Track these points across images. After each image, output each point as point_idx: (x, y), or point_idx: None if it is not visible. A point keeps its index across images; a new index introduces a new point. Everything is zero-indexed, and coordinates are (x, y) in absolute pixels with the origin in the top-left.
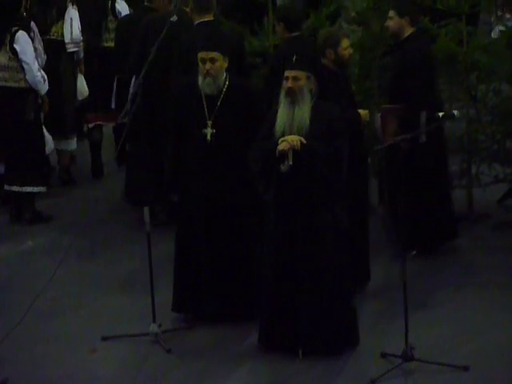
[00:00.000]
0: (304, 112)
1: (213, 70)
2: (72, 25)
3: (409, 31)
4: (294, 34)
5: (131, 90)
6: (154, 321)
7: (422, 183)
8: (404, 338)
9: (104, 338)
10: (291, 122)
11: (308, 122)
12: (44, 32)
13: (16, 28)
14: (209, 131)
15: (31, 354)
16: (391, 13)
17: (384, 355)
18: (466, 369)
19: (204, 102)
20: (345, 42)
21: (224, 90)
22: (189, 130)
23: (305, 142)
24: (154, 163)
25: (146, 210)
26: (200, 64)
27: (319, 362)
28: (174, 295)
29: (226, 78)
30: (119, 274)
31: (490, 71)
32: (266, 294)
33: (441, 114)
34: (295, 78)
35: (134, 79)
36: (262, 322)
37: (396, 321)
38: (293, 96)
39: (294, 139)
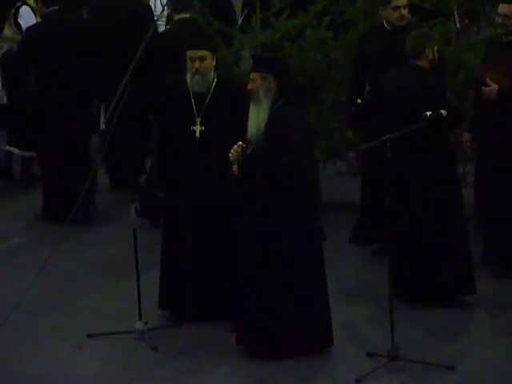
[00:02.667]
0: (260, 116)
1: (202, 69)
2: None
3: None
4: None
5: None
6: (139, 318)
7: None
8: (390, 338)
9: (90, 336)
10: (257, 125)
11: (262, 127)
12: None
13: (20, 3)
14: (198, 128)
15: (17, 351)
16: None
17: (370, 354)
18: (451, 368)
19: (192, 100)
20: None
21: (212, 87)
22: (176, 127)
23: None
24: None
25: (133, 207)
26: (189, 62)
27: (304, 361)
28: (160, 293)
29: (214, 75)
30: (106, 271)
31: None
32: (240, 296)
33: (428, 113)
34: (253, 80)
35: None
36: (238, 324)
37: (382, 320)
38: (252, 97)
39: (236, 150)
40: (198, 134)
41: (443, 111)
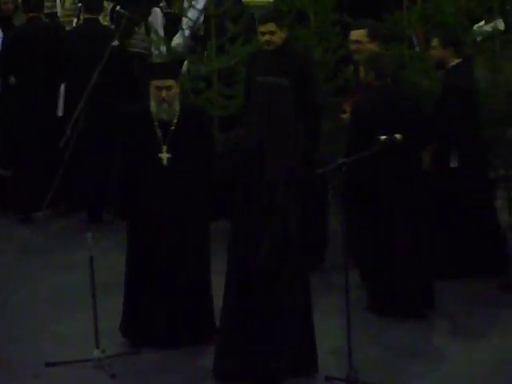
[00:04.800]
0: None
1: (168, 97)
2: None
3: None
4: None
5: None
6: (97, 346)
7: None
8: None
9: (47, 364)
10: None
11: None
12: None
13: None
14: (165, 156)
15: None
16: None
17: (328, 378)
18: None
19: (157, 128)
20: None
21: (177, 114)
22: (141, 154)
23: None
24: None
25: (89, 235)
26: (155, 91)
27: None
28: (123, 320)
29: (178, 102)
30: (64, 298)
31: None
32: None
33: (383, 137)
34: None
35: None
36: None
37: (341, 341)
38: None
39: None
40: (165, 162)
41: (398, 135)
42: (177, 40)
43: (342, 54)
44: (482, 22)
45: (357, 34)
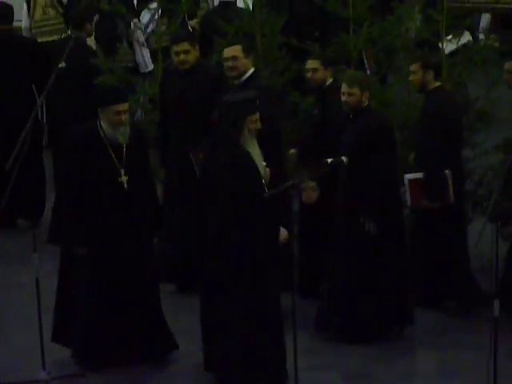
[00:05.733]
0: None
1: (126, 121)
2: None
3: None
4: None
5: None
6: (43, 368)
7: None
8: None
9: None
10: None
11: None
12: None
13: None
14: (124, 179)
15: None
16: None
17: None
18: None
19: (111, 151)
20: (342, 87)
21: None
22: (98, 179)
23: None
24: None
25: (35, 256)
26: (115, 116)
27: None
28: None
29: None
30: (10, 318)
31: None
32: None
33: (329, 160)
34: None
35: None
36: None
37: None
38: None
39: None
40: (126, 185)
41: (344, 158)
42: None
43: (289, 77)
44: (450, 36)
45: (311, 63)
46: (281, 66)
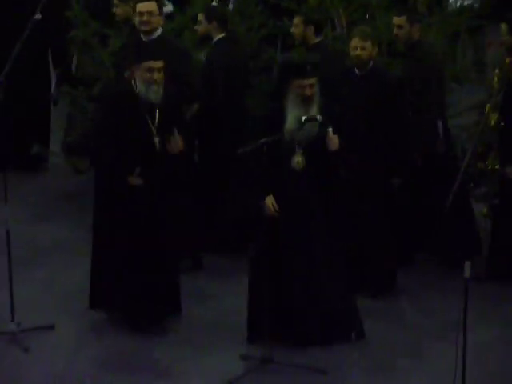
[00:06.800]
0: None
1: (159, 79)
2: None
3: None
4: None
5: None
6: (12, 319)
7: None
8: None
9: None
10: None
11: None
12: None
13: None
14: (156, 139)
15: None
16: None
17: (244, 357)
18: (323, 372)
19: (144, 111)
20: (354, 41)
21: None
22: (129, 139)
23: None
24: None
25: (6, 209)
26: (146, 73)
27: (177, 362)
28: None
29: None
30: None
31: None
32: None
33: (303, 117)
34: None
35: None
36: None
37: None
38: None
39: None
40: (158, 145)
41: (318, 116)
42: None
43: (265, 33)
44: None
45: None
46: (256, 22)
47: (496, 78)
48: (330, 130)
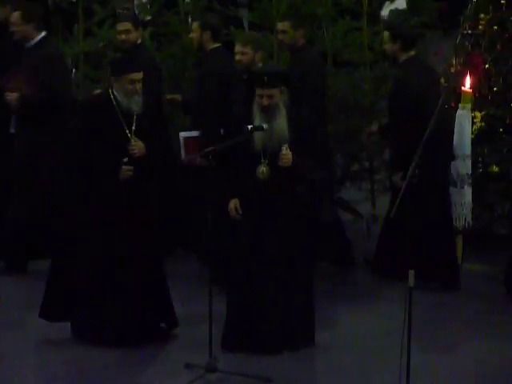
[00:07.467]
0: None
1: (140, 90)
2: None
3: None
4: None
5: None
6: None
7: None
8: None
9: None
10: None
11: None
12: None
13: None
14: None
15: None
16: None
17: (188, 366)
18: (268, 380)
19: (122, 120)
20: (236, 47)
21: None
22: (106, 147)
23: None
24: None
25: None
26: (129, 85)
27: (125, 371)
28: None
29: None
30: None
31: None
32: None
33: (249, 126)
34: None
35: None
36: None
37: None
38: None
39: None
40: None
41: (264, 124)
42: None
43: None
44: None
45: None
46: None
47: None
48: (286, 146)
